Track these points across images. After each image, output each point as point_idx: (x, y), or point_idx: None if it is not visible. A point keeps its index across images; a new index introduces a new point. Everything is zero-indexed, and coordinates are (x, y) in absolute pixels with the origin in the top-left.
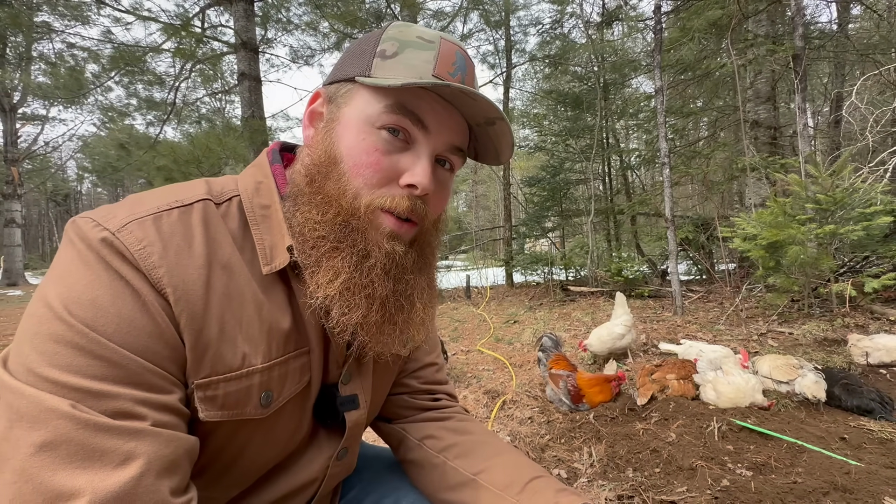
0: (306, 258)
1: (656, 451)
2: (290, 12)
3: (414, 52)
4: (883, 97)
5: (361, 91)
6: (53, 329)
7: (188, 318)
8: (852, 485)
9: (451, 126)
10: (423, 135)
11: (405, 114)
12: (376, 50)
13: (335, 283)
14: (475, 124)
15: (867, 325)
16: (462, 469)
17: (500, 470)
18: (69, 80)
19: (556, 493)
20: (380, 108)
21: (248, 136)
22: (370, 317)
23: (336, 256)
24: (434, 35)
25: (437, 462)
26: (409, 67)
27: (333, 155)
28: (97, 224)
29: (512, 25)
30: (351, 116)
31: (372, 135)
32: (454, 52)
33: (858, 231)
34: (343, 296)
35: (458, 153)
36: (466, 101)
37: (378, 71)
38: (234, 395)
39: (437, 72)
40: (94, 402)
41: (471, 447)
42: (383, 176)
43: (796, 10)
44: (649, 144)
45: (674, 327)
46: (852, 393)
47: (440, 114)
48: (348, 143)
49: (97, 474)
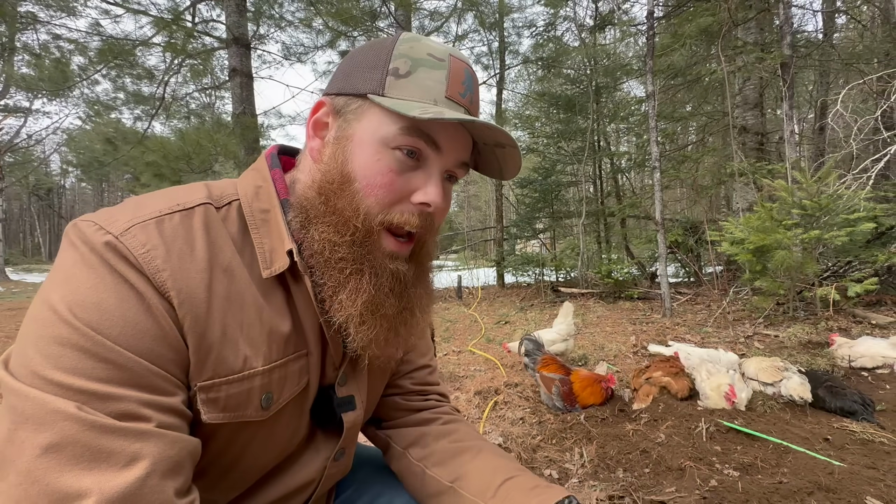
0: (328, 279)
1: (646, 451)
2: (283, 8)
3: (426, 71)
4: (866, 106)
5: (374, 109)
6: (58, 332)
7: (191, 321)
8: (836, 485)
9: (461, 145)
10: (436, 154)
11: (420, 135)
12: (388, 67)
13: (357, 303)
14: (482, 143)
15: (850, 329)
16: (439, 477)
17: (474, 476)
18: (54, 72)
19: (527, 493)
20: (395, 130)
21: (240, 133)
22: (381, 334)
23: (361, 278)
24: (444, 52)
25: (416, 471)
26: (423, 89)
27: (347, 173)
28: (100, 228)
29: (506, 27)
30: (365, 135)
31: (387, 155)
32: (463, 71)
33: (842, 236)
34: (362, 315)
35: (463, 167)
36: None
37: (392, 90)
38: (236, 398)
39: (449, 93)
40: (99, 404)
41: (450, 454)
42: (396, 196)
43: (784, 18)
44: (640, 148)
45: (663, 329)
46: (836, 395)
47: (452, 135)
48: (363, 163)
49: (103, 475)
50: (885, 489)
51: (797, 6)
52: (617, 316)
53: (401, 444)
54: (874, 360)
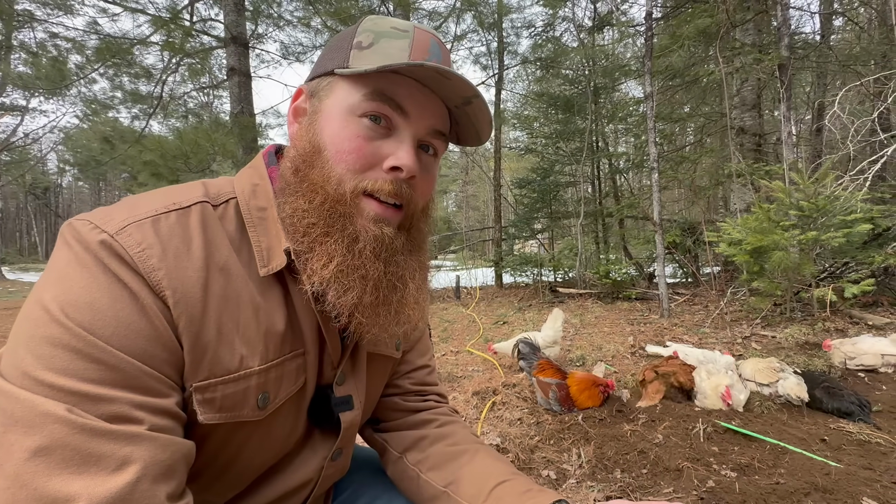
0: (299, 246)
1: (643, 452)
2: (281, 7)
3: (389, 41)
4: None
5: (341, 82)
6: (50, 332)
7: (187, 321)
8: (832, 485)
9: (431, 110)
10: (404, 120)
11: (384, 100)
12: (353, 42)
13: (329, 266)
14: (454, 106)
15: (846, 330)
16: (434, 482)
17: (467, 480)
18: (51, 70)
19: (519, 496)
20: (359, 97)
21: (238, 133)
22: (365, 298)
23: (328, 241)
24: (408, 25)
25: (412, 475)
26: (385, 56)
27: (317, 144)
28: (95, 226)
29: (505, 28)
30: (332, 107)
31: (353, 123)
32: (428, 40)
33: (839, 238)
34: (337, 278)
35: (440, 137)
36: (442, 81)
37: (355, 62)
38: (232, 398)
39: (412, 58)
40: (90, 406)
41: (445, 458)
42: (366, 161)
43: (782, 20)
44: (638, 149)
45: (660, 330)
46: (833, 396)
47: (419, 98)
48: (331, 132)
49: (93, 479)
50: (881, 490)
51: (795, 8)
52: (615, 316)
53: (397, 448)
54: (876, 359)
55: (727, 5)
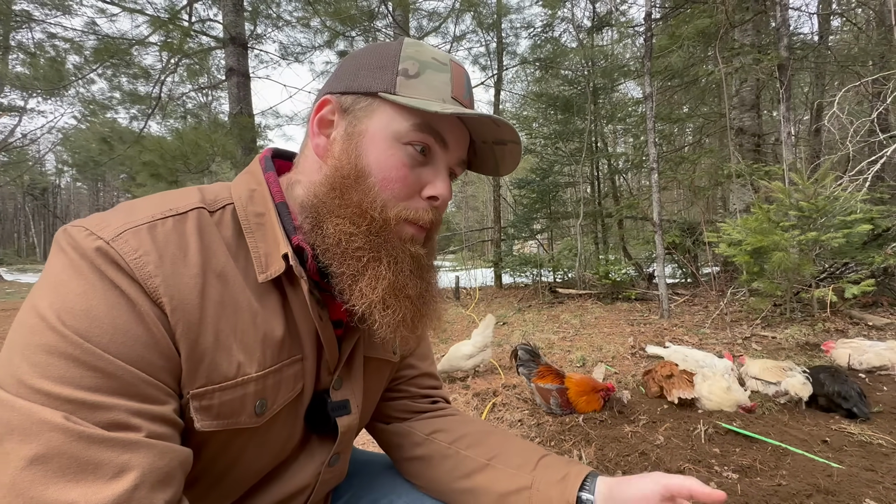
0: (346, 269)
1: (644, 453)
2: (280, 8)
3: (433, 73)
4: (861, 108)
5: (385, 106)
6: (46, 340)
7: (184, 327)
8: (834, 487)
9: (463, 143)
10: (443, 150)
11: (430, 132)
12: (398, 68)
13: (378, 289)
14: (481, 142)
15: (846, 330)
16: (475, 456)
17: (512, 453)
18: (49, 71)
19: (566, 465)
20: (408, 126)
21: (237, 133)
22: (408, 315)
23: (378, 266)
24: (445, 57)
25: (449, 453)
26: (433, 89)
27: (361, 168)
28: (91, 233)
29: (504, 28)
30: (377, 131)
31: (399, 150)
32: (463, 75)
33: (839, 238)
34: (385, 301)
35: (463, 165)
36: (488, 125)
37: (403, 90)
38: (230, 404)
39: (454, 94)
40: (87, 414)
41: (481, 437)
42: (410, 190)
43: (781, 21)
44: (637, 149)
45: (660, 330)
46: (836, 379)
47: (456, 132)
48: (377, 158)
49: (90, 487)
50: (883, 491)
51: (793, 9)
52: (614, 317)
53: (425, 431)
54: (881, 358)
55: (726, 6)
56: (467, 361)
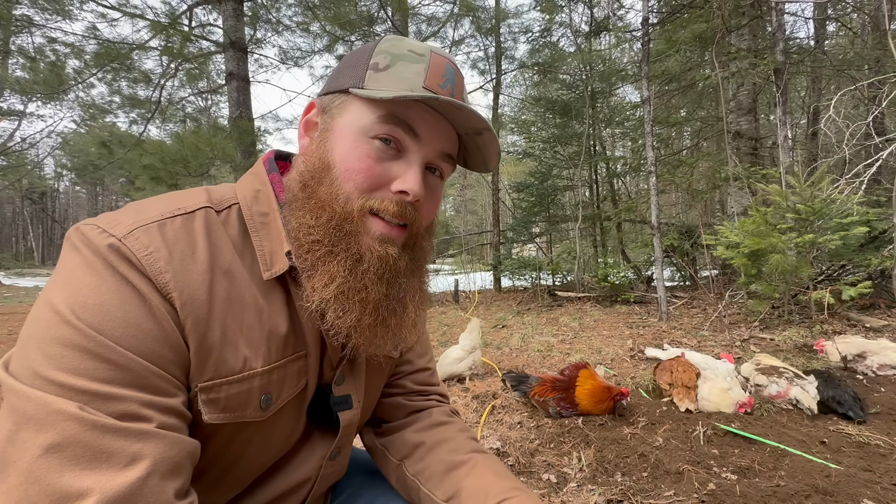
0: (302, 262)
1: (644, 455)
2: (280, 13)
3: (405, 64)
4: (857, 111)
5: (355, 102)
6: (60, 333)
7: (193, 322)
8: (832, 487)
9: (442, 134)
10: (415, 143)
11: (397, 123)
12: (369, 63)
13: (330, 287)
14: (464, 133)
15: (844, 332)
16: (434, 496)
17: (467, 495)
18: (49, 75)
19: None
20: (373, 119)
21: (237, 137)
22: (363, 320)
23: (332, 261)
24: (425, 48)
25: (412, 485)
26: (401, 80)
27: (327, 161)
28: (103, 231)
29: (502, 33)
30: (345, 126)
31: (365, 143)
32: (444, 65)
33: (836, 240)
34: (338, 300)
35: (448, 160)
36: (454, 111)
37: (371, 83)
38: (236, 398)
39: (427, 84)
40: (101, 405)
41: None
42: (375, 181)
43: (777, 25)
44: (635, 153)
45: (659, 333)
46: (830, 384)
47: (430, 123)
48: (341, 151)
49: (104, 475)
50: (881, 492)
51: (789, 13)
52: (613, 320)
53: (396, 455)
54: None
55: (722, 11)
56: (458, 365)
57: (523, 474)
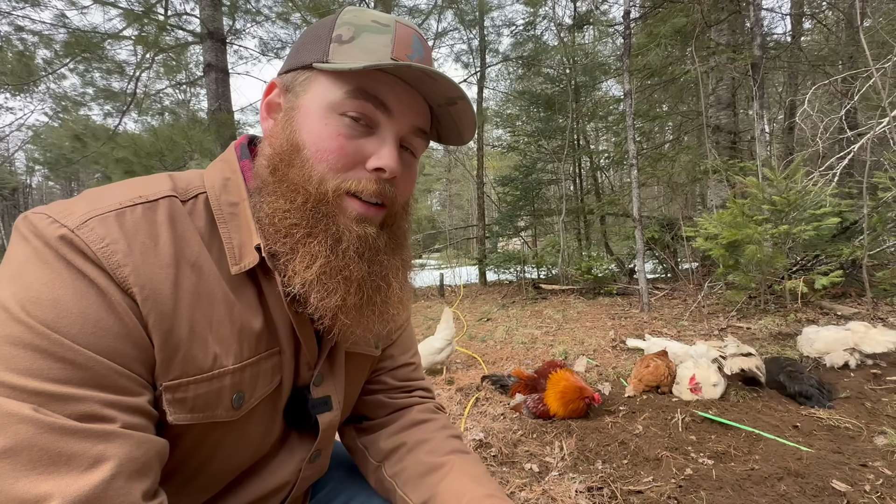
0: (280, 247)
1: (624, 443)
2: (259, 2)
3: (371, 35)
4: (831, 106)
5: (320, 77)
6: (10, 331)
7: (156, 318)
8: (804, 469)
9: (414, 108)
10: (387, 118)
11: (367, 98)
12: (332, 35)
13: (312, 268)
14: (436, 105)
15: (817, 320)
16: (409, 499)
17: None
18: (17, 65)
19: None
20: (341, 94)
21: (215, 130)
22: (349, 299)
23: (312, 241)
24: (389, 19)
25: (388, 487)
26: (368, 52)
27: (296, 142)
28: (54, 220)
29: (486, 25)
30: (312, 103)
31: (334, 120)
32: (410, 36)
33: (810, 231)
34: (321, 280)
35: (421, 135)
36: (427, 81)
37: (336, 56)
38: (205, 397)
39: (395, 55)
40: (58, 406)
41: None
42: (348, 160)
43: (755, 21)
44: (618, 146)
45: (641, 324)
46: (794, 379)
47: (402, 96)
48: (310, 130)
49: (64, 479)
50: (849, 472)
51: (766, 9)
52: (596, 311)
53: (376, 457)
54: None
55: (702, 6)
56: (439, 355)
57: (506, 464)
